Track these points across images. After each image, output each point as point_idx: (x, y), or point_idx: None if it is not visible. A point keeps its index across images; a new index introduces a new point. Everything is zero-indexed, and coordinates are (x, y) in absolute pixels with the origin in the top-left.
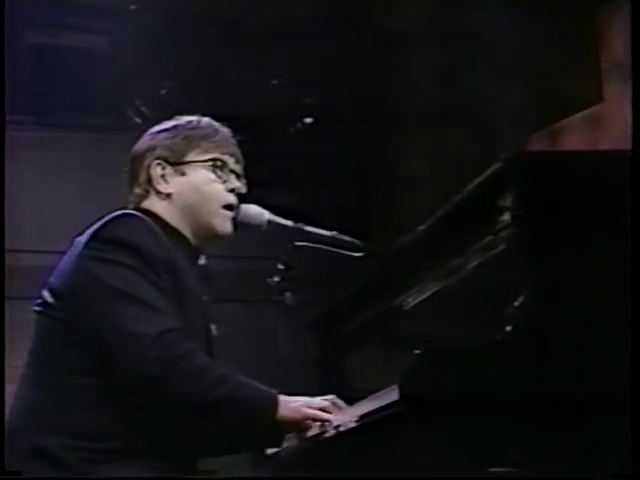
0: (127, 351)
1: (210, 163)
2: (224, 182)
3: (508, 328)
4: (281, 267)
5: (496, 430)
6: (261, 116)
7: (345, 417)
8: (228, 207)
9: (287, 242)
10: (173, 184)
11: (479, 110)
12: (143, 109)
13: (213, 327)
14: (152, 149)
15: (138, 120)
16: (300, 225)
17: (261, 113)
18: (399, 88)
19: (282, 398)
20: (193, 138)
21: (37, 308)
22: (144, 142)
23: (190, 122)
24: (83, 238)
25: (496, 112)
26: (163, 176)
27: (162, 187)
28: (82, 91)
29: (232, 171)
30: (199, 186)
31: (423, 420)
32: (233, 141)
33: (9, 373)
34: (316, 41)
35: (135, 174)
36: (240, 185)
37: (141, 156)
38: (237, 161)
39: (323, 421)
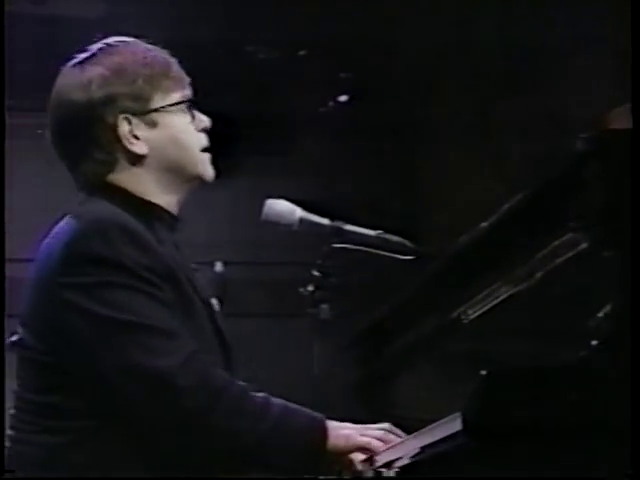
0: (150, 392)
1: (181, 106)
2: (193, 121)
3: (593, 343)
4: (316, 274)
5: (577, 464)
6: (287, 94)
7: (400, 451)
8: (205, 150)
9: (323, 244)
10: (146, 140)
11: (548, 80)
12: None
13: (215, 302)
14: (111, 100)
15: None
16: (338, 224)
17: (287, 91)
18: (452, 57)
19: (331, 425)
20: (153, 77)
21: (16, 348)
22: (88, 90)
23: (134, 54)
24: (48, 259)
25: (569, 81)
26: (132, 133)
27: (137, 147)
28: None
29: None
30: (176, 135)
31: (491, 453)
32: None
33: None
34: (350, 3)
35: (90, 135)
36: (207, 120)
37: (94, 110)
38: (192, 90)
39: (376, 453)
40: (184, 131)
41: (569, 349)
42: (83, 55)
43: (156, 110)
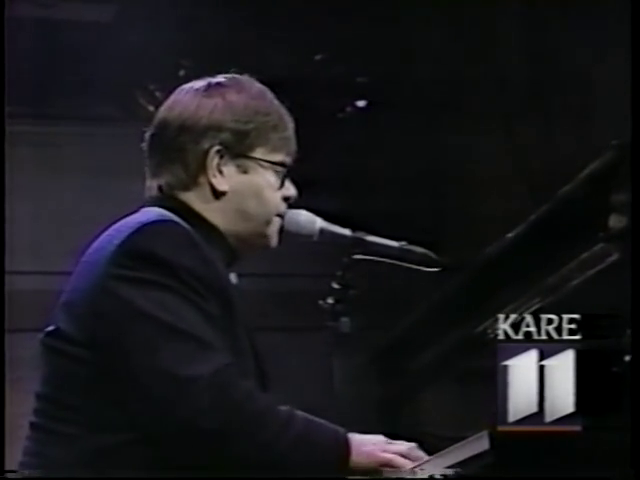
0: (175, 399)
1: (278, 168)
2: (281, 188)
3: (627, 358)
4: (336, 286)
5: None
6: (302, 99)
7: (425, 470)
8: (279, 216)
9: (343, 255)
10: (230, 180)
11: (576, 92)
12: (157, 94)
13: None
14: (217, 128)
15: (152, 108)
16: (360, 234)
17: (302, 96)
18: (475, 63)
19: (353, 439)
20: (265, 128)
21: (47, 339)
22: (203, 111)
23: (260, 99)
24: (106, 247)
25: (597, 94)
26: (219, 167)
27: (218, 182)
28: (83, 74)
29: (289, 173)
30: (261, 191)
31: (521, 473)
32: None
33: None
34: (368, 5)
35: (182, 151)
36: (295, 193)
37: (199, 131)
38: (293, 160)
39: (400, 469)
40: (267, 190)
41: (599, 364)
42: (210, 80)
43: (252, 159)
